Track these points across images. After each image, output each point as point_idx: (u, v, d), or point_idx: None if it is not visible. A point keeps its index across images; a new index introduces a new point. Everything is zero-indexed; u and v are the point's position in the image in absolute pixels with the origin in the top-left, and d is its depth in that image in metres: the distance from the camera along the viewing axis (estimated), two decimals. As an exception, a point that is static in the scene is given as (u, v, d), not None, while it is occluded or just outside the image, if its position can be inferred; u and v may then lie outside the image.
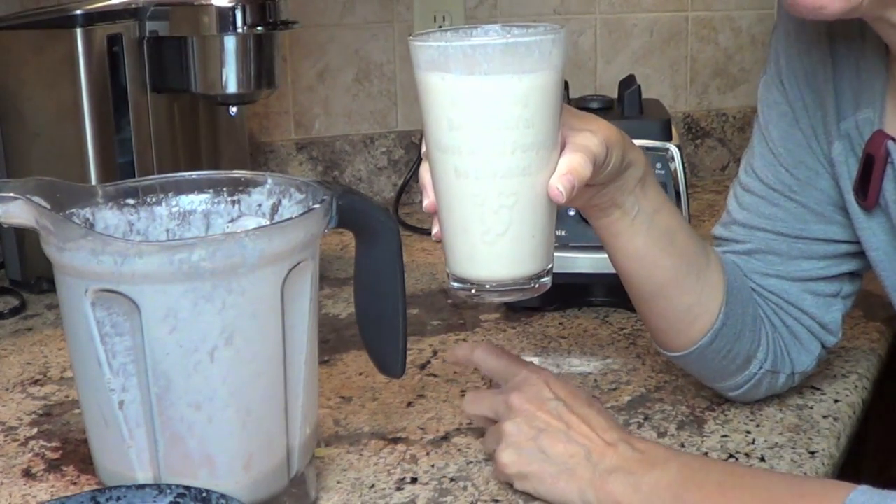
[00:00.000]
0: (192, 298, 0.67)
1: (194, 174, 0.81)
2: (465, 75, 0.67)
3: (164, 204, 0.80)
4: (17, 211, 0.68)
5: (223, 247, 0.67)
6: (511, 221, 0.71)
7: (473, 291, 0.74)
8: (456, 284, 0.75)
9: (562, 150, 0.72)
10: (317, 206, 0.73)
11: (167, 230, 0.80)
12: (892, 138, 0.81)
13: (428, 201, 0.74)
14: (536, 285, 0.74)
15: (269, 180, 0.80)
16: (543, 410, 0.79)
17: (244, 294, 0.69)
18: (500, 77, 0.67)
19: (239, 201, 0.80)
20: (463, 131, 0.69)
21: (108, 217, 0.77)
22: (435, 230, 0.75)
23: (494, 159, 0.69)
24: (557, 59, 0.69)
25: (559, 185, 0.70)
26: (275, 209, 0.79)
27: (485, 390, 0.91)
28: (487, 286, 0.73)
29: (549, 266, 0.74)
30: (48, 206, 0.69)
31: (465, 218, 0.71)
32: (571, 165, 0.71)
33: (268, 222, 0.79)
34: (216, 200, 0.81)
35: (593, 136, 0.73)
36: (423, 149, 0.74)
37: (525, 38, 0.68)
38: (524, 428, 0.79)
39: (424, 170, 0.74)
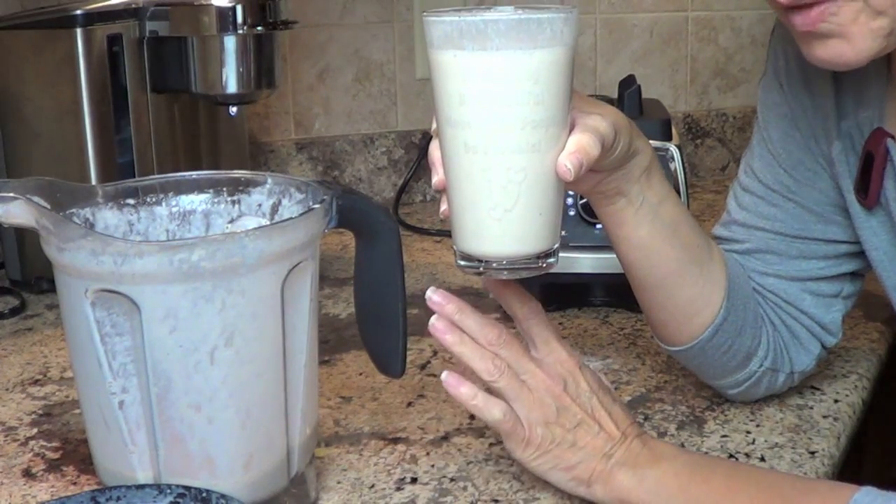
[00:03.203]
0: (191, 298, 0.67)
1: (194, 174, 0.81)
2: (478, 51, 0.68)
3: (163, 204, 0.80)
4: (17, 211, 0.68)
5: (223, 247, 0.67)
6: (519, 197, 0.71)
7: (481, 269, 0.74)
8: (463, 262, 0.75)
9: (571, 131, 0.72)
10: (316, 206, 0.73)
11: (167, 230, 0.80)
12: (892, 136, 0.81)
13: (437, 178, 0.75)
14: (543, 264, 0.74)
15: (269, 180, 0.80)
16: (579, 403, 0.78)
17: (244, 294, 0.69)
18: (511, 52, 0.68)
19: (239, 201, 0.81)
20: (473, 106, 0.70)
21: (108, 217, 0.77)
22: (443, 207, 0.76)
23: (504, 134, 0.70)
24: (569, 37, 0.70)
25: (567, 162, 0.71)
26: (275, 209, 0.79)
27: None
28: (494, 264, 0.74)
29: (556, 246, 0.75)
30: (48, 206, 0.69)
31: (474, 193, 0.72)
32: (580, 144, 0.71)
33: (268, 222, 0.79)
34: (216, 200, 0.81)
35: (602, 119, 0.73)
36: (434, 126, 0.74)
37: (537, 14, 0.69)
38: (563, 417, 0.77)
39: (434, 147, 0.75)
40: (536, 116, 0.69)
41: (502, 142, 0.70)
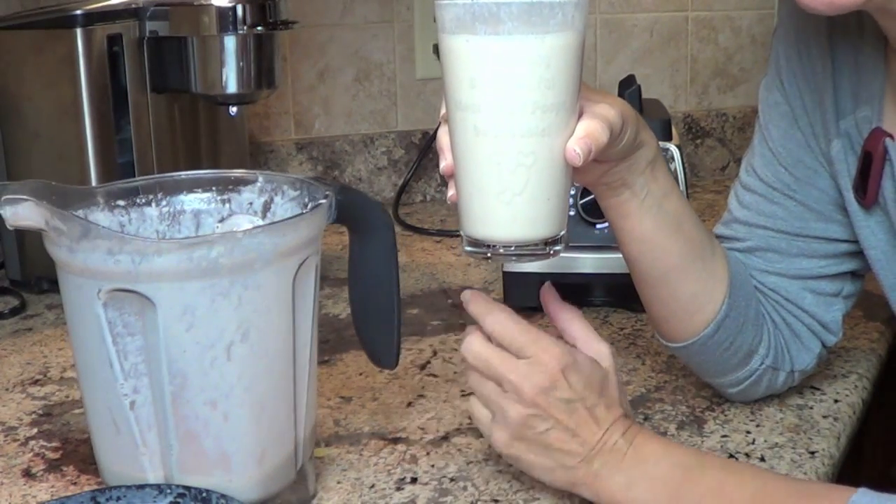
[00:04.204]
0: (209, 295, 0.68)
1: (183, 174, 0.81)
2: (490, 34, 0.69)
3: (153, 205, 0.80)
4: (25, 213, 0.67)
5: (241, 243, 0.68)
6: (528, 181, 0.72)
7: (489, 254, 0.75)
8: (470, 248, 0.75)
9: (580, 118, 0.73)
10: (323, 200, 0.74)
11: (157, 231, 0.80)
12: (890, 136, 0.81)
13: (445, 163, 0.75)
14: (551, 251, 0.75)
15: (260, 178, 0.80)
16: (552, 411, 0.75)
17: (259, 289, 0.69)
18: (523, 37, 0.69)
19: (229, 200, 0.81)
20: (484, 89, 0.70)
21: (101, 219, 0.77)
22: (450, 193, 0.76)
23: (514, 118, 0.70)
24: (580, 22, 0.70)
25: (577, 147, 0.71)
26: (266, 207, 0.80)
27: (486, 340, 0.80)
28: (501, 249, 0.74)
29: (563, 233, 0.75)
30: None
31: (483, 177, 0.72)
32: (589, 130, 0.72)
33: (260, 220, 0.79)
34: (206, 200, 0.81)
35: (611, 107, 0.74)
36: (443, 111, 0.74)
37: None
38: (533, 422, 0.76)
39: (442, 132, 0.75)
40: (547, 101, 0.70)
41: (512, 125, 0.70)
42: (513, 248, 0.74)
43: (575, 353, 0.78)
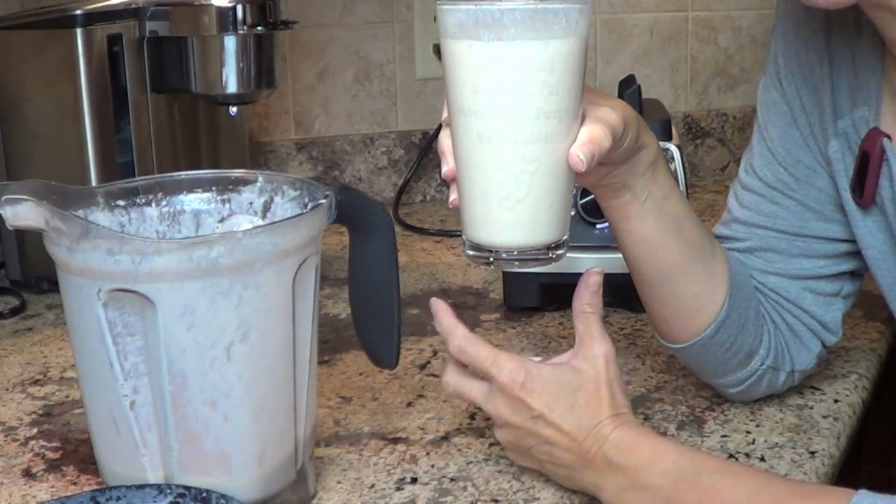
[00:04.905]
0: (209, 295, 0.68)
1: (183, 174, 0.81)
2: (493, 40, 0.69)
3: (153, 205, 0.80)
4: (25, 213, 0.67)
5: (241, 243, 0.68)
6: (531, 187, 0.71)
7: (491, 259, 0.75)
8: (472, 252, 0.75)
9: (582, 122, 0.73)
10: (323, 200, 0.74)
11: (157, 231, 0.80)
12: (888, 136, 0.81)
13: (447, 168, 0.75)
14: (553, 256, 0.75)
15: (260, 178, 0.80)
16: (526, 429, 0.78)
17: (259, 289, 0.69)
18: (526, 43, 0.68)
19: (229, 200, 0.81)
20: (488, 96, 0.70)
21: (101, 219, 0.77)
22: (452, 197, 0.76)
23: (518, 124, 0.70)
24: (583, 28, 0.70)
25: (580, 153, 0.71)
26: (267, 207, 0.80)
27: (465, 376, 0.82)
28: (504, 254, 0.74)
29: (565, 237, 0.75)
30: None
31: (485, 183, 0.72)
32: (592, 135, 0.72)
33: (260, 220, 0.79)
34: (206, 200, 0.81)
35: (612, 111, 0.74)
36: (444, 115, 0.74)
37: (553, 4, 0.69)
38: (518, 440, 0.80)
39: (444, 136, 0.75)
40: (550, 107, 0.70)
41: (516, 132, 0.70)
42: (515, 254, 0.74)
43: (532, 366, 0.79)
